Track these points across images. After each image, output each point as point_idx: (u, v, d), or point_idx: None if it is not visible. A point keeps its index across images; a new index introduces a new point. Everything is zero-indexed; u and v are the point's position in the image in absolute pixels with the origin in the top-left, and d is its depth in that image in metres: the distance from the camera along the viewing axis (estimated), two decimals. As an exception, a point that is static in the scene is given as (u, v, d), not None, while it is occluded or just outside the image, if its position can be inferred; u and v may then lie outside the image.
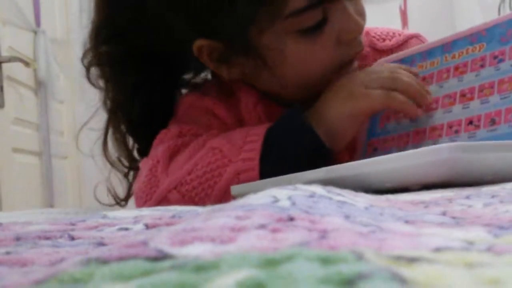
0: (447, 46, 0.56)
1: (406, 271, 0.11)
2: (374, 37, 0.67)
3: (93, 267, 0.12)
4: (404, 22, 2.50)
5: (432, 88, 0.55)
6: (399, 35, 0.68)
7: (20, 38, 2.07)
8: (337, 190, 0.25)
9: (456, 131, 0.52)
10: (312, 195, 0.22)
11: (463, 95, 0.53)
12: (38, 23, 2.19)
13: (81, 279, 0.11)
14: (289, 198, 0.20)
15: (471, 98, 0.52)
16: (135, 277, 0.11)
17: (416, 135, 0.55)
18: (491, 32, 0.53)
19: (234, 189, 0.50)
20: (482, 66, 0.52)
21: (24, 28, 2.08)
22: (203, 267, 0.11)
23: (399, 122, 0.57)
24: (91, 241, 0.22)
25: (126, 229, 0.26)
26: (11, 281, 0.13)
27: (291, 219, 0.16)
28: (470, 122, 0.51)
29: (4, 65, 1.91)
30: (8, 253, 0.19)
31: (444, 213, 0.22)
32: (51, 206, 2.11)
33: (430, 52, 0.57)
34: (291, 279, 0.10)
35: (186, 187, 0.54)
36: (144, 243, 0.13)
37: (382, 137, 0.58)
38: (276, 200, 0.20)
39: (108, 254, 0.13)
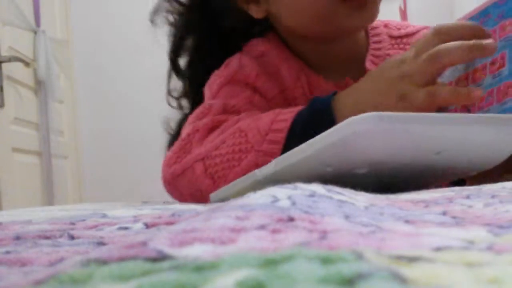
0: None
1: (406, 270, 0.11)
2: (391, 28, 0.72)
3: (92, 268, 0.12)
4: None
5: None
6: (413, 26, 0.73)
7: (20, 38, 2.07)
8: (337, 189, 0.25)
9: None
10: (312, 195, 0.22)
11: None
12: (38, 23, 2.19)
13: (80, 280, 0.11)
14: (289, 197, 0.20)
15: None
16: (134, 277, 0.11)
17: None
18: None
19: (213, 196, 0.49)
20: None
21: (24, 28, 2.09)
22: (202, 268, 0.11)
23: None
24: (90, 240, 0.22)
25: (126, 228, 0.26)
26: (10, 281, 0.13)
27: (291, 219, 0.16)
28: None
29: (4, 65, 1.91)
30: (7, 252, 0.19)
31: (444, 213, 0.22)
32: (51, 205, 2.11)
33: None
34: (291, 279, 0.10)
35: (210, 161, 0.55)
36: (144, 244, 0.13)
37: None
38: (276, 200, 0.20)
39: (107, 254, 0.13)
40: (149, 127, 2.62)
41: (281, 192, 0.21)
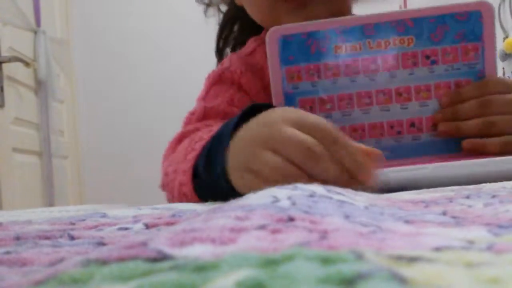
0: (369, 30, 0.52)
1: (406, 270, 0.11)
2: None
3: (92, 268, 0.12)
4: (404, 21, 2.50)
5: (361, 79, 0.52)
6: None
7: (20, 38, 2.07)
8: (337, 189, 0.25)
9: (399, 132, 0.52)
10: (312, 195, 0.22)
11: (398, 93, 0.52)
12: (38, 23, 2.19)
13: (80, 280, 0.11)
14: (289, 198, 0.20)
15: (409, 99, 0.52)
16: (134, 277, 0.11)
17: (354, 132, 0.53)
18: (419, 25, 0.52)
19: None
20: (414, 64, 0.52)
21: (24, 28, 2.09)
22: (203, 268, 0.11)
23: (329, 113, 0.53)
24: (91, 240, 0.22)
25: (126, 228, 0.26)
26: (10, 281, 0.13)
27: (291, 219, 0.16)
28: (412, 124, 0.52)
29: (4, 65, 1.91)
30: (8, 252, 0.19)
31: (444, 213, 0.22)
32: (51, 205, 2.11)
33: (348, 31, 0.52)
34: (291, 279, 0.10)
35: (165, 180, 0.56)
36: (144, 244, 0.13)
37: None
38: (276, 200, 0.20)
39: (107, 254, 0.13)
40: (150, 126, 2.63)
41: (281, 192, 0.21)
